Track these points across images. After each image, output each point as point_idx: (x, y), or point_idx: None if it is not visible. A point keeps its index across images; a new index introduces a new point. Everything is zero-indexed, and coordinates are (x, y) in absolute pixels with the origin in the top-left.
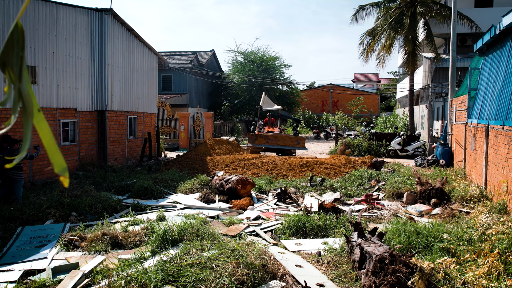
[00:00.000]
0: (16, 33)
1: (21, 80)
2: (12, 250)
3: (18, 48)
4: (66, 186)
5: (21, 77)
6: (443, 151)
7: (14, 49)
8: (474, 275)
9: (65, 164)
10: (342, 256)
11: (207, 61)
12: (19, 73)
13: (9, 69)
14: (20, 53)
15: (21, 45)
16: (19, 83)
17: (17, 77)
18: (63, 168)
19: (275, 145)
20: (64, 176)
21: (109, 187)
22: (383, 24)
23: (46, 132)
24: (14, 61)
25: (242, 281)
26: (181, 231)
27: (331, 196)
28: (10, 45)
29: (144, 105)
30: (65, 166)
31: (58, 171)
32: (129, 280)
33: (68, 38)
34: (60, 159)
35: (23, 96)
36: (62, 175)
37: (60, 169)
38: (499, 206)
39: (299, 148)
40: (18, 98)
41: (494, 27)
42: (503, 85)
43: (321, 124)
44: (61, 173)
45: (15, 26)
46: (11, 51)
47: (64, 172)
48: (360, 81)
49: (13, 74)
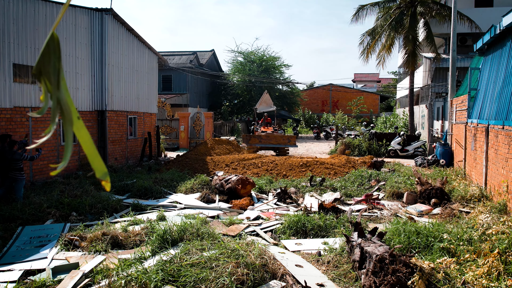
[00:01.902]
0: (52, 43)
1: (60, 89)
2: (12, 250)
3: (55, 58)
4: (107, 190)
5: (59, 86)
6: (443, 151)
7: (50, 59)
8: (474, 275)
9: (105, 169)
10: (342, 256)
11: (207, 61)
12: (57, 82)
13: (45, 78)
14: (57, 64)
15: (58, 55)
16: (57, 91)
17: (56, 86)
18: (104, 173)
19: (268, 144)
20: (106, 180)
21: None
22: (383, 24)
23: (86, 139)
24: (51, 70)
25: (242, 281)
26: (181, 231)
27: (331, 196)
28: (46, 55)
29: (144, 105)
30: (106, 171)
31: (99, 176)
32: (129, 280)
33: (68, 38)
34: (101, 165)
35: (62, 104)
36: (103, 179)
37: (101, 174)
38: (499, 206)
39: (290, 146)
40: (56, 106)
41: (494, 27)
42: (503, 85)
43: (321, 124)
44: (102, 177)
45: (51, 36)
46: (48, 61)
47: (106, 176)
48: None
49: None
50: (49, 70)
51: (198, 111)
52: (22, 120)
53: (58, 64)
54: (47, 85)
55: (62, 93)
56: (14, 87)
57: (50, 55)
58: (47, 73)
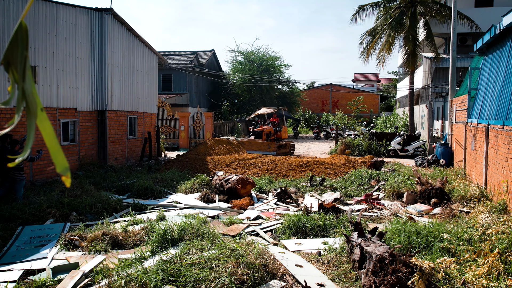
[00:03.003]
0: (20, 32)
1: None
2: (12, 250)
3: (22, 47)
4: (68, 186)
5: (25, 76)
6: (443, 151)
7: (18, 48)
8: (474, 275)
9: (67, 164)
10: (342, 256)
11: (207, 61)
12: (22, 73)
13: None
14: (24, 53)
15: (25, 45)
16: (23, 82)
17: (21, 76)
18: (65, 168)
19: (250, 150)
20: (66, 176)
21: (109, 187)
22: (383, 24)
23: (49, 131)
24: (18, 60)
25: (242, 280)
26: (181, 231)
27: (331, 196)
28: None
29: (144, 105)
30: (67, 166)
31: (60, 171)
32: (129, 280)
33: (68, 38)
34: (62, 159)
35: (27, 95)
36: (64, 175)
37: (62, 169)
38: (499, 206)
39: (269, 153)
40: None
41: (494, 27)
42: (503, 85)
43: (321, 124)
44: (63, 173)
45: (19, 25)
46: (16, 50)
47: (66, 172)
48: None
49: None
50: (16, 60)
51: (198, 111)
52: (22, 120)
53: (25, 53)
54: (15, 76)
55: (27, 84)
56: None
57: (18, 45)
58: (15, 63)
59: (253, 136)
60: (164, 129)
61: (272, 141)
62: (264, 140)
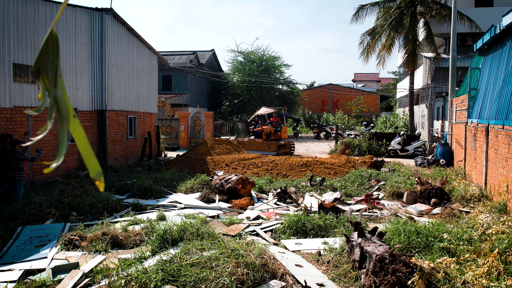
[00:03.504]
0: (50, 40)
1: (57, 87)
2: (12, 250)
3: (53, 55)
4: (101, 190)
5: (57, 83)
6: (443, 150)
7: (49, 56)
8: (474, 274)
9: (100, 169)
10: (342, 256)
11: (207, 61)
12: (54, 80)
13: (44, 76)
14: (55, 61)
15: (56, 52)
16: (54, 89)
17: (53, 83)
18: (98, 172)
19: (250, 150)
20: (100, 180)
21: (109, 187)
22: (383, 24)
23: (81, 137)
24: (49, 68)
25: (242, 280)
26: (181, 231)
27: (331, 196)
28: (45, 53)
29: (144, 105)
30: (100, 171)
31: (94, 176)
32: (129, 279)
33: (68, 37)
34: (95, 164)
35: (59, 102)
36: (97, 179)
37: (96, 174)
38: (499, 206)
39: (269, 153)
40: (53, 104)
41: (494, 26)
42: (503, 84)
43: (321, 124)
44: (97, 177)
45: (50, 34)
46: (46, 58)
47: (100, 176)
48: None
49: (48, 80)
50: (47, 68)
51: (198, 111)
52: (22, 120)
53: (56, 61)
54: (45, 83)
55: (59, 91)
56: (14, 87)
57: (49, 53)
58: (45, 71)
59: (253, 136)
60: (164, 129)
61: (272, 141)
62: (264, 140)
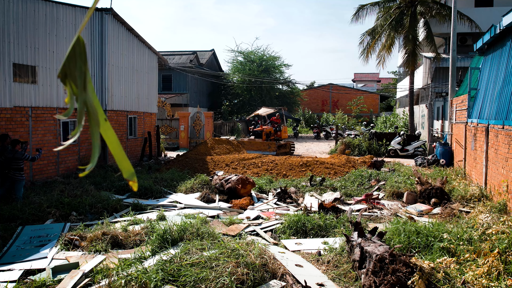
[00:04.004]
0: (78, 46)
1: (86, 91)
2: (12, 250)
3: (81, 61)
4: (135, 190)
5: (86, 88)
6: (443, 150)
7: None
8: (474, 274)
9: (133, 170)
10: (342, 256)
11: (207, 61)
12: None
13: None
14: (83, 67)
15: (84, 59)
16: (84, 94)
17: (82, 89)
18: (131, 173)
19: (250, 150)
20: (133, 180)
21: (109, 187)
22: (383, 24)
23: (113, 140)
24: (77, 74)
25: (242, 280)
26: (181, 231)
27: (331, 196)
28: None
29: (144, 105)
30: (133, 172)
31: (127, 177)
32: (129, 279)
33: (68, 37)
34: (128, 165)
35: (89, 106)
36: (131, 179)
37: (129, 175)
38: (499, 206)
39: (269, 153)
40: (82, 108)
41: (494, 26)
42: (503, 84)
43: (321, 124)
44: (130, 178)
45: (77, 40)
46: (73, 64)
47: (133, 177)
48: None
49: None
50: (75, 73)
51: (198, 110)
52: (22, 120)
53: (84, 67)
54: (73, 88)
55: (89, 95)
56: (14, 87)
57: (76, 59)
58: (73, 76)
59: (253, 136)
60: (164, 129)
61: (272, 141)
62: (264, 140)
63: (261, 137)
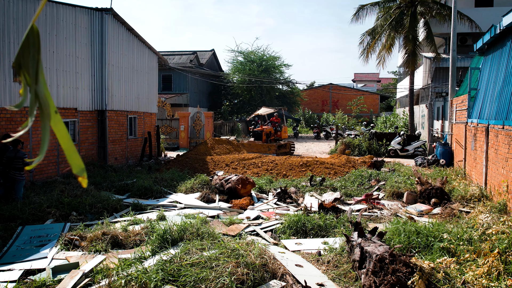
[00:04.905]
0: (31, 35)
1: (38, 82)
2: (12, 250)
3: (34, 50)
4: (84, 186)
5: (38, 79)
6: (443, 150)
7: (30, 51)
8: (474, 274)
9: (83, 165)
10: (342, 256)
11: (207, 61)
12: (35, 75)
13: (25, 71)
14: (36, 56)
15: (37, 48)
16: (35, 85)
17: (34, 79)
18: (81, 168)
19: (250, 152)
20: (83, 176)
21: (109, 187)
22: (383, 24)
23: (63, 133)
24: (30, 63)
25: (242, 280)
26: (181, 231)
27: (331, 196)
28: (26, 48)
29: (144, 105)
30: (83, 167)
31: (76, 172)
32: (129, 279)
33: (68, 37)
34: (78, 160)
35: (40, 98)
36: (80, 175)
37: (78, 170)
38: (499, 206)
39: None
40: (34, 100)
41: (494, 27)
42: (503, 85)
43: (321, 124)
44: (79, 173)
45: (31, 29)
46: (27, 53)
47: (82, 172)
48: (360, 80)
49: (29, 76)
50: (28, 63)
51: (198, 110)
52: (22, 120)
53: (37, 56)
54: (27, 79)
55: (40, 86)
56: (14, 87)
57: (30, 48)
58: (27, 66)
59: (253, 137)
60: (164, 129)
61: (272, 142)
62: (264, 140)
63: (261, 138)
